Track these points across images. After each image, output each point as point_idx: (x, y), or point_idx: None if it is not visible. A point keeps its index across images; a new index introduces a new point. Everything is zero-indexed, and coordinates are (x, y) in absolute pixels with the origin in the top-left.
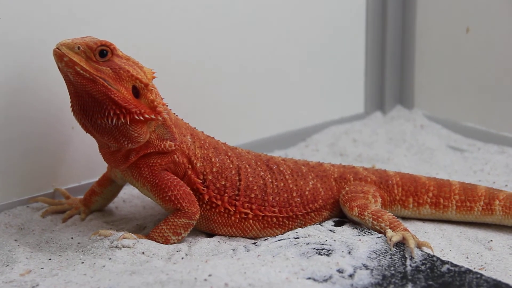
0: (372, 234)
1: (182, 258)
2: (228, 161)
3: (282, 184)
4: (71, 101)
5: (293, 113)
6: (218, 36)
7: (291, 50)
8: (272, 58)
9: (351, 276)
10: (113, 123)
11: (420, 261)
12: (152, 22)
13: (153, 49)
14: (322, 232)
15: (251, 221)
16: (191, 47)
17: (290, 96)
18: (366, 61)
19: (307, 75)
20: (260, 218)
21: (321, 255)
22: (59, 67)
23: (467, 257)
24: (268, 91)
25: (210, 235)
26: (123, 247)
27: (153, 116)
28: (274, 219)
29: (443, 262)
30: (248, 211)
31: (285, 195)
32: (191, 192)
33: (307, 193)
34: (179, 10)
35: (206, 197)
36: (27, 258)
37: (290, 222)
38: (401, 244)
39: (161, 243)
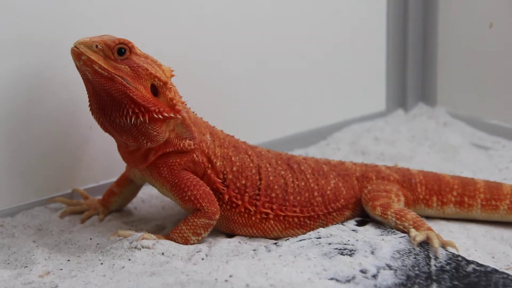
0: (395, 234)
1: (202, 259)
2: (248, 160)
3: (303, 184)
4: (89, 100)
5: (314, 111)
6: (236, 33)
7: (310, 46)
8: (292, 54)
9: (374, 276)
10: (132, 122)
11: (445, 261)
12: (170, 20)
13: (171, 48)
14: (344, 232)
15: (272, 221)
16: (208, 45)
17: (310, 93)
18: (388, 58)
19: (327, 72)
20: (281, 218)
21: (343, 255)
22: (77, 66)
23: (493, 257)
24: (288, 89)
25: (230, 235)
26: (143, 247)
27: (172, 115)
28: (296, 219)
29: (469, 262)
30: (269, 211)
31: (307, 195)
32: (211, 192)
33: (328, 192)
34: (197, 7)
35: (226, 196)
36: (45, 259)
37: (312, 222)
38: (425, 244)
39: (181, 243)
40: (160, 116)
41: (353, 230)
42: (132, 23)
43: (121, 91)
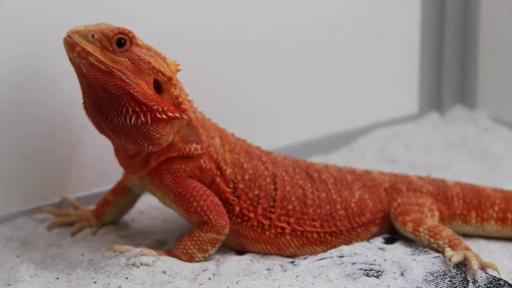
0: (428, 253)
1: (209, 279)
2: (262, 167)
3: (324, 195)
4: (83, 97)
5: (336, 113)
6: (249, 25)
7: (333, 40)
8: (312, 50)
9: None
10: (132, 122)
11: (485, 284)
12: (175, 7)
13: (176, 39)
14: (370, 250)
15: (288, 236)
16: (219, 37)
17: (332, 93)
18: (421, 53)
19: (351, 69)
20: (299, 233)
21: (369, 276)
22: (70, 58)
23: None
24: (307, 88)
25: (241, 252)
26: (142, 265)
27: (177, 115)
28: (315, 235)
29: None
30: (285, 225)
31: (328, 207)
32: (220, 203)
33: (352, 205)
34: None
35: (237, 208)
36: (31, 276)
37: (333, 239)
38: (462, 265)
39: (185, 261)
40: (164, 116)
41: (380, 249)
42: (132, 9)
43: (120, 87)
